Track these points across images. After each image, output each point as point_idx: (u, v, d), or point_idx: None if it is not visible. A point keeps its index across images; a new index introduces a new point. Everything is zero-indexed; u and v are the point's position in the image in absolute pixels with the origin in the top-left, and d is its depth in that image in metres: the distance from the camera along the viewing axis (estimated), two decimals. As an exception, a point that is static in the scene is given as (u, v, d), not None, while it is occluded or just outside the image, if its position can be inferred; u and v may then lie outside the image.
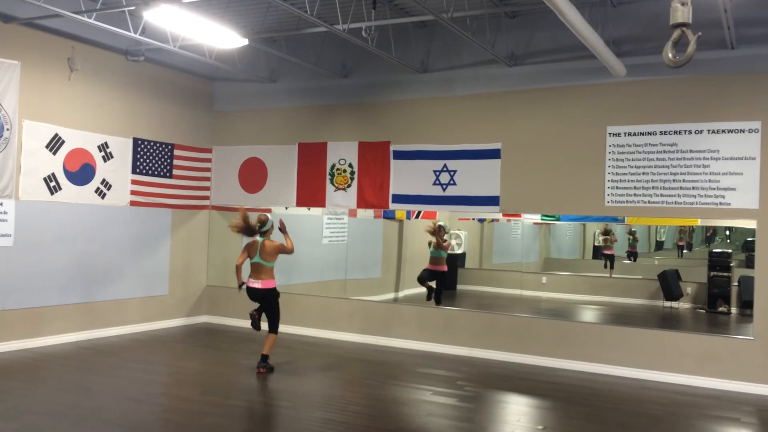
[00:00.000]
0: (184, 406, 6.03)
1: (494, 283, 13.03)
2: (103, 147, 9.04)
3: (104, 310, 9.16)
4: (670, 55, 4.71)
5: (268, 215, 7.54)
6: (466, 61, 8.86)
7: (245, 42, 7.80)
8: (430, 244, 10.69)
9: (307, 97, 10.09)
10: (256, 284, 7.28)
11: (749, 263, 11.41)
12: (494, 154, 8.63)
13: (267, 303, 7.38)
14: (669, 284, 11.50)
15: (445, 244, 10.62)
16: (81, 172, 8.74)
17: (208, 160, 10.80)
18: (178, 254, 10.32)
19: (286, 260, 10.23)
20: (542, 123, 8.38)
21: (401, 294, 12.26)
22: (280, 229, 7.46)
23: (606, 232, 13.32)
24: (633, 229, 13.49)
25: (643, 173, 7.80)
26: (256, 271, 7.32)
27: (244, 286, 7.34)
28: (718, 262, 11.25)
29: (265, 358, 7.33)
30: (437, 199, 9.00)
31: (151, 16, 6.81)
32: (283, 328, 9.12)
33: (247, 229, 7.34)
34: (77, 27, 8.34)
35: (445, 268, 10.62)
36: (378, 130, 9.48)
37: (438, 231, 10.58)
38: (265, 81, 10.26)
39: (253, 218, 7.45)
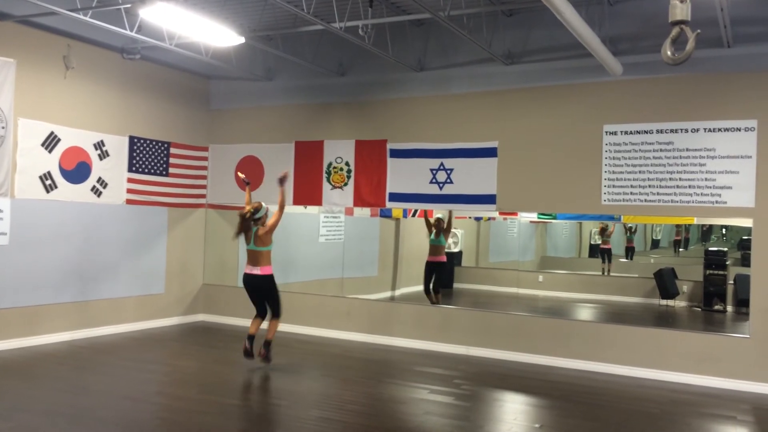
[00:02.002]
0: (181, 404, 6.02)
1: (491, 281, 13.03)
2: (99, 145, 9.01)
3: (100, 308, 9.13)
4: (669, 52, 4.70)
5: (261, 202, 7.57)
6: (462, 60, 8.86)
7: (242, 40, 7.78)
8: (431, 231, 10.67)
9: (304, 96, 10.07)
10: (255, 271, 7.36)
11: (745, 261, 11.44)
12: (491, 152, 8.63)
13: (267, 291, 7.47)
14: (665, 282, 11.53)
15: (446, 231, 10.66)
16: (77, 171, 8.71)
17: (205, 159, 10.78)
18: (175, 253, 10.30)
19: (284, 259, 10.25)
20: (539, 121, 8.38)
21: (398, 292, 12.25)
22: (280, 180, 7.51)
23: (603, 229, 13.34)
24: (630, 225, 13.51)
25: (640, 172, 7.81)
26: (253, 258, 7.38)
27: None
28: (714, 261, 11.28)
29: (268, 343, 7.42)
30: (434, 198, 9.00)
31: (147, 14, 6.78)
32: (280, 326, 9.11)
33: (243, 224, 7.37)
34: (73, 25, 8.30)
35: (444, 258, 10.65)
36: (375, 128, 9.47)
37: (438, 223, 10.62)
38: (261, 79, 10.24)
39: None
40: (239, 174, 8.80)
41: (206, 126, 10.80)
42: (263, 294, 7.51)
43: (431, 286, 10.53)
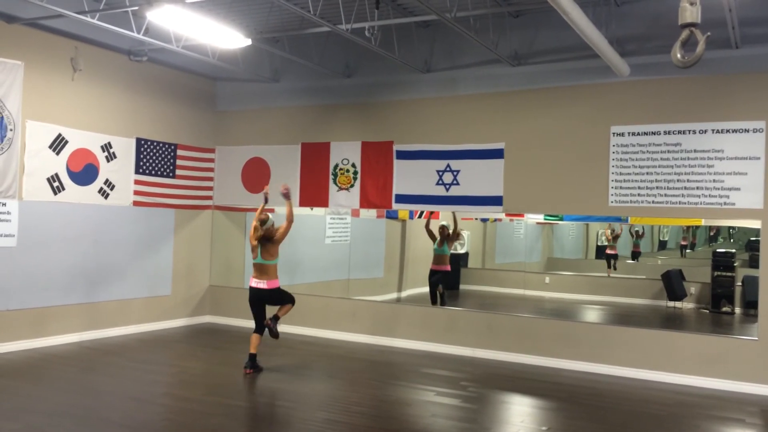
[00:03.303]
0: (188, 406, 6.02)
1: (497, 282, 13.01)
2: (106, 147, 9.04)
3: (107, 310, 9.16)
4: (678, 55, 4.68)
5: (269, 215, 7.55)
6: (469, 61, 8.85)
7: (248, 42, 7.80)
8: (433, 239, 10.62)
9: (310, 97, 10.08)
10: (261, 284, 7.30)
11: (752, 263, 11.39)
12: (497, 153, 8.61)
13: (274, 300, 7.41)
14: (672, 284, 11.48)
15: (453, 233, 10.58)
16: (84, 173, 8.74)
17: (211, 160, 10.80)
18: (181, 254, 10.32)
19: (289, 260, 10.25)
20: (546, 123, 8.36)
21: (404, 294, 12.25)
22: (283, 195, 7.39)
23: (617, 236, 13.29)
24: (636, 228, 13.46)
25: (647, 173, 7.78)
26: (260, 271, 7.33)
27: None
28: (722, 262, 11.22)
29: (276, 318, 7.36)
30: (440, 199, 8.99)
31: (154, 16, 6.81)
32: (285, 327, 9.16)
33: (261, 230, 7.29)
34: (80, 27, 8.34)
35: (448, 267, 10.59)
36: (381, 130, 9.47)
37: (442, 231, 10.58)
38: (268, 81, 10.26)
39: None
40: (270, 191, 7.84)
41: (213, 128, 10.82)
42: (270, 303, 7.45)
43: (437, 302, 10.37)
